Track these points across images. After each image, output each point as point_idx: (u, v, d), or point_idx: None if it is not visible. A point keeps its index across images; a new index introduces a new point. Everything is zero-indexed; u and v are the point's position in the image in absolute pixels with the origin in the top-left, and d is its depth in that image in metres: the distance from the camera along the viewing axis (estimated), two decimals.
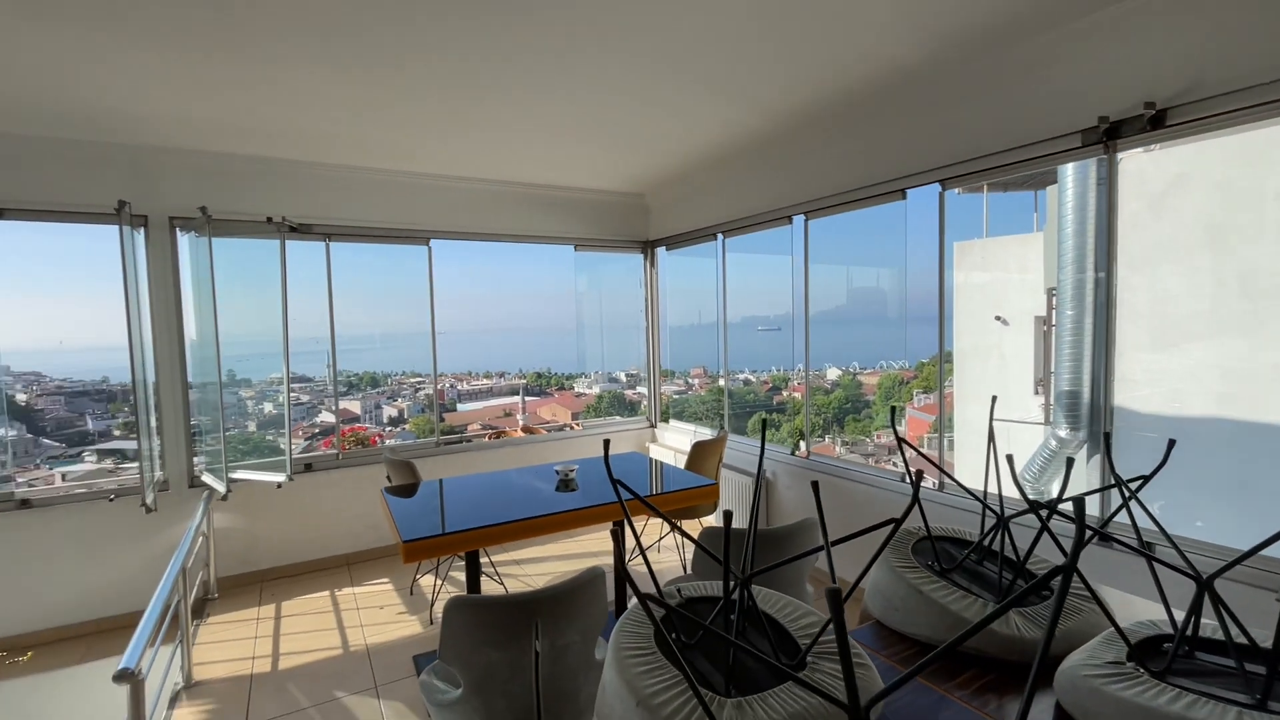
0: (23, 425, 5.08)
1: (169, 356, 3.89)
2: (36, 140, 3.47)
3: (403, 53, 2.61)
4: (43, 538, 3.61)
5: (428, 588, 4.00)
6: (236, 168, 3.98)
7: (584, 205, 5.33)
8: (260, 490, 4.06)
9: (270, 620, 3.67)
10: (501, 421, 7.87)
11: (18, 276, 4.14)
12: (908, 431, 7.42)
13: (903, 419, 7.54)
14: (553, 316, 7.32)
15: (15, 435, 4.77)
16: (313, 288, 4.36)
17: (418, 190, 4.61)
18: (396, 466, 3.58)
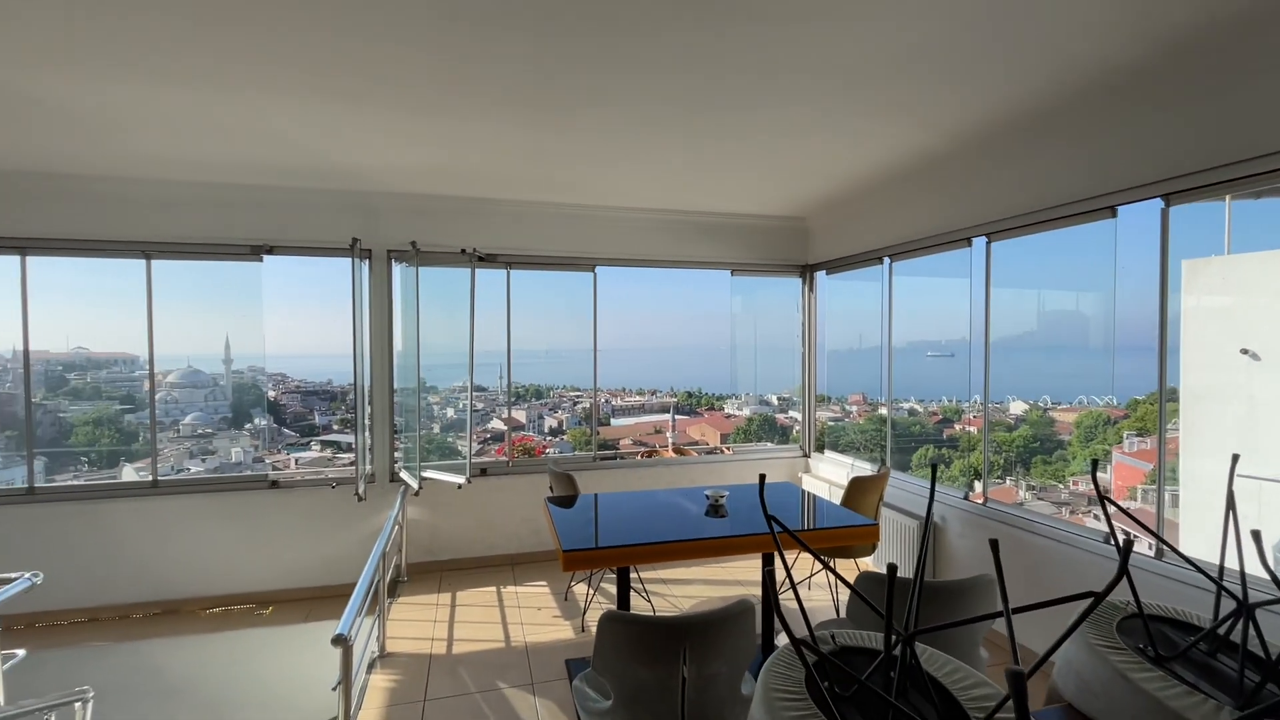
0: (271, 416, 6.05)
1: (380, 366, 4.56)
2: (297, 191, 4.30)
3: (577, 106, 2.85)
4: (284, 513, 4.39)
5: (581, 596, 4.22)
6: (439, 206, 4.59)
7: (742, 230, 5.35)
8: (444, 489, 4.58)
9: (447, 607, 4.10)
10: (652, 438, 8.02)
11: (280, 298, 5.13)
12: (1114, 481, 6.34)
13: (1107, 466, 6.47)
14: (705, 337, 7.39)
15: (266, 424, 5.94)
16: (492, 308, 4.85)
17: (586, 221, 4.96)
18: (559, 478, 3.85)
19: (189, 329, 5.01)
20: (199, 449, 5.46)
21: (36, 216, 3.98)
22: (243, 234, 4.28)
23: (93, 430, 4.91)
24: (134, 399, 5.15)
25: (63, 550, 4.05)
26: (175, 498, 4.24)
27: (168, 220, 4.16)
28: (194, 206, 4.19)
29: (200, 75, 2.57)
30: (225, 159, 3.68)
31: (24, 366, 4.08)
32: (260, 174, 3.98)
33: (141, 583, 4.18)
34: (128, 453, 4.99)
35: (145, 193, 4.10)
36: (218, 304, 4.89)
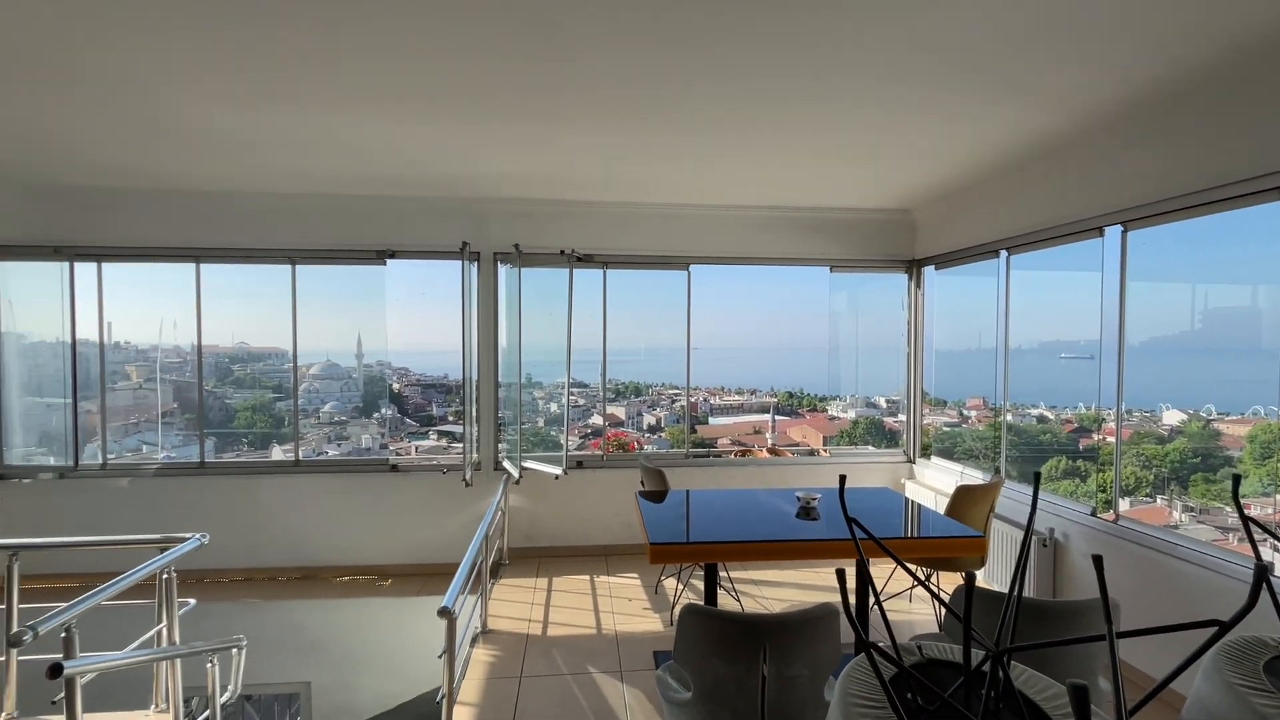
0: (395, 407, 6.48)
1: (486, 362, 4.86)
2: (415, 200, 4.68)
3: (677, 108, 2.89)
4: (402, 495, 4.80)
5: (670, 590, 4.27)
6: (540, 210, 4.82)
7: (842, 225, 5.16)
8: (543, 479, 4.80)
9: (544, 592, 4.31)
10: (751, 438, 7.79)
11: (400, 298, 5.60)
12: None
13: None
14: (805, 336, 7.17)
15: (391, 414, 6.38)
16: (591, 307, 5.01)
17: (681, 220, 4.99)
18: (650, 473, 3.92)
19: (327, 327, 5.58)
20: (335, 434, 5.91)
21: (206, 229, 4.62)
22: (369, 240, 4.72)
23: (251, 415, 5.57)
24: (284, 388, 5.65)
25: (225, 517, 4.67)
26: (313, 476, 4.76)
27: (307, 230, 4.68)
28: (328, 217, 4.68)
29: (335, 102, 2.87)
30: (355, 174, 4.08)
31: (198, 359, 4.75)
32: (384, 186, 4.38)
33: (286, 549, 4.74)
34: (278, 435, 5.57)
35: (289, 206, 4.64)
36: (348, 303, 5.41)
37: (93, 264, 4.59)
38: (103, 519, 4.57)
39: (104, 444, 4.67)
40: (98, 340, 4.77)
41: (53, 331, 4.63)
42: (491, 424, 4.89)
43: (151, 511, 4.63)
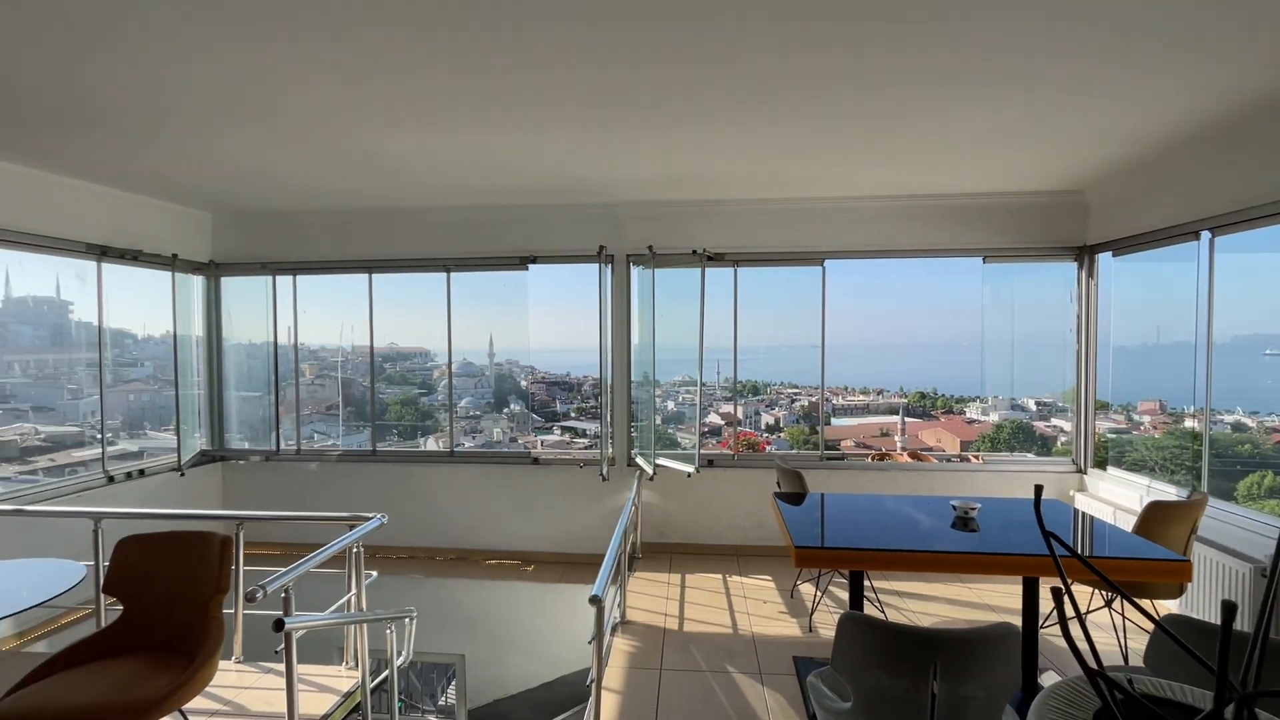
0: (523, 402, 6.81)
1: (620, 361, 5.02)
2: (554, 208, 4.94)
3: (814, 100, 2.81)
4: (542, 486, 5.10)
5: (807, 595, 4.16)
6: (671, 211, 4.89)
7: (997, 211, 4.73)
8: (674, 476, 4.87)
9: (677, 587, 4.37)
10: (878, 441, 7.44)
11: (537, 300, 5.93)
12: None
13: None
14: (945, 332, 6.65)
15: (519, 409, 6.71)
16: (715, 305, 4.99)
17: (815, 214, 4.84)
18: (786, 474, 3.85)
19: (470, 328, 6.03)
20: (470, 428, 6.27)
21: (377, 243, 5.19)
22: (512, 247, 5.06)
23: (400, 408, 6.03)
24: (427, 385, 6.26)
25: (392, 500, 5.22)
26: (464, 466, 5.19)
27: (459, 240, 5.10)
28: (477, 227, 5.07)
29: (486, 123, 3.11)
30: (501, 186, 4.38)
31: (370, 360, 5.36)
32: (527, 196, 4.67)
33: (442, 532, 5.20)
34: (423, 428, 6.09)
35: (444, 219, 5.08)
36: (491, 306, 5.80)
37: (289, 276, 5.33)
38: (297, 496, 5.29)
39: (298, 433, 5.40)
40: (290, 343, 5.53)
41: (256, 335, 5.43)
42: (625, 421, 5.04)
43: (334, 492, 5.29)
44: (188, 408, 5.11)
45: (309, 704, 3.00)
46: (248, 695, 3.13)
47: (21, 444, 4.47)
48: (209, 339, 5.37)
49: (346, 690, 3.17)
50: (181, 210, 5.06)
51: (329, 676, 3.30)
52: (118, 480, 4.53)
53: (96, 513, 3.48)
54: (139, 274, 4.76)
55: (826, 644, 3.56)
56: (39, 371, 4.73)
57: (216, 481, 5.42)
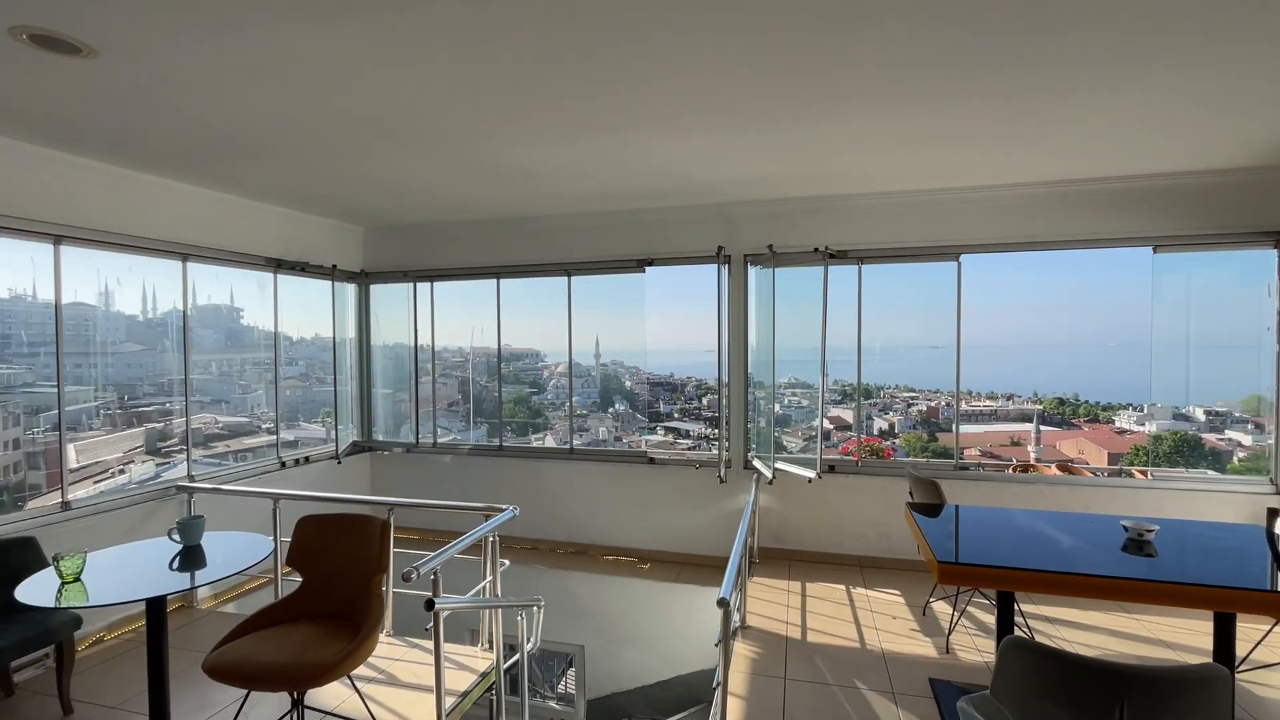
0: (627, 402, 6.91)
1: (736, 362, 4.97)
2: (672, 210, 4.98)
3: (951, 87, 2.62)
4: (657, 486, 5.15)
5: (941, 614, 3.89)
6: (791, 209, 4.76)
7: (1171, 194, 4.17)
8: (793, 481, 4.73)
9: (797, 596, 4.25)
10: (1007, 450, 6.90)
11: (651, 301, 5.99)
12: None
13: None
14: (1090, 331, 5.95)
15: (624, 409, 6.82)
16: (832, 305, 4.78)
17: (949, 206, 4.52)
18: (921, 484, 3.62)
19: (578, 330, 6.20)
20: (578, 426, 6.32)
21: (504, 250, 5.49)
22: (630, 250, 5.15)
23: (513, 406, 6.28)
24: (538, 384, 6.57)
25: (517, 493, 5.50)
26: (583, 463, 5.36)
27: (579, 244, 5.28)
28: (596, 232, 5.23)
29: (607, 129, 3.19)
30: (619, 190, 4.47)
31: (497, 361, 5.68)
32: (644, 200, 4.74)
33: (562, 526, 5.41)
34: (534, 424, 6.38)
35: (565, 225, 5.28)
36: (605, 308, 5.92)
37: (427, 283, 5.78)
38: (432, 485, 5.73)
39: (434, 428, 5.85)
40: (425, 344, 6.00)
41: (396, 337, 5.95)
42: (741, 424, 4.98)
43: (464, 483, 5.67)
44: (340, 403, 5.68)
45: (451, 680, 3.22)
46: (398, 666, 3.42)
47: (205, 432, 5.17)
48: (360, 341, 5.94)
49: (483, 670, 3.37)
50: (338, 225, 5.64)
51: (466, 655, 3.53)
52: (288, 466, 5.13)
53: (275, 494, 3.96)
54: (293, 282, 5.34)
55: (966, 667, 3.31)
56: (217, 370, 5.43)
57: (365, 470, 5.98)
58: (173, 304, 4.49)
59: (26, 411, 3.87)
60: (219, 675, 2.38)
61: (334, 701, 3.05)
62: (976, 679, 3.19)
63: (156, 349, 4.64)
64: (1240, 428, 6.21)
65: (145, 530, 3.95)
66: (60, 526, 3.56)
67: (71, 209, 3.64)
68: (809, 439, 8.72)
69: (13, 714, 3.00)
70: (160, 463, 4.54)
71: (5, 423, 3.79)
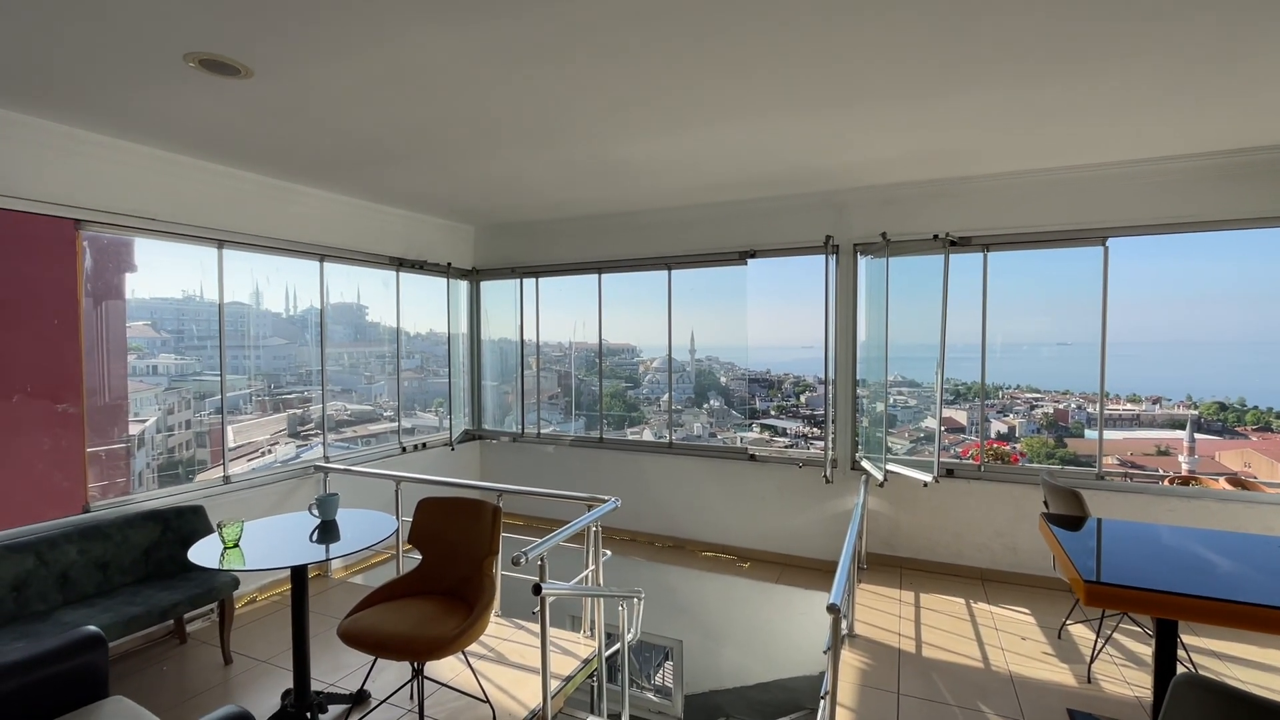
0: (722, 399, 6.95)
1: (845, 358, 4.73)
2: (777, 200, 4.82)
3: (1092, 53, 2.31)
4: (759, 484, 5.02)
5: (1079, 638, 3.50)
6: (906, 194, 4.46)
7: None
8: (906, 484, 4.45)
9: (910, 606, 3.99)
10: (1153, 460, 6.30)
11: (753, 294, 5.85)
12: None
13: None
14: (1263, 328, 5.11)
15: (719, 405, 6.85)
16: (960, 295, 4.43)
17: (1092, 184, 4.04)
18: (1058, 493, 3.27)
19: (676, 325, 6.19)
20: (674, 421, 6.32)
21: (606, 245, 5.57)
22: (732, 243, 5.05)
23: (609, 400, 6.29)
24: (633, 378, 6.66)
25: (616, 485, 5.57)
26: (682, 458, 5.33)
27: (680, 238, 5.25)
28: (697, 226, 5.17)
29: (711, 118, 3.11)
30: (720, 181, 4.38)
31: (598, 356, 5.78)
32: (746, 190, 4.61)
33: (661, 519, 5.42)
34: (629, 418, 6.48)
35: (665, 220, 5.26)
36: (704, 303, 5.86)
37: (532, 279, 5.98)
38: (536, 474, 5.94)
39: (538, 419, 6.05)
40: (532, 339, 6.22)
41: (503, 331, 6.21)
42: (849, 422, 4.74)
43: (566, 473, 5.82)
44: (453, 394, 6.02)
45: (555, 664, 3.31)
46: (506, 646, 3.56)
47: (336, 418, 5.65)
48: (471, 335, 6.26)
49: (585, 657, 3.44)
50: (452, 225, 5.96)
51: (569, 641, 3.61)
52: (407, 451, 5.50)
53: (398, 476, 4.25)
54: (411, 280, 5.69)
55: (1111, 700, 2.96)
56: (347, 361, 5.90)
57: (476, 457, 6.31)
58: (310, 302, 4.94)
59: (195, 397, 4.41)
60: (351, 641, 2.58)
61: (449, 674, 3.22)
62: (1125, 715, 2.84)
63: (296, 342, 5.14)
64: None
65: (288, 505, 4.38)
66: (222, 498, 4.02)
67: (232, 215, 4.09)
68: (916, 440, 8.20)
69: (185, 660, 3.43)
70: (299, 445, 5.03)
71: (180, 406, 4.34)
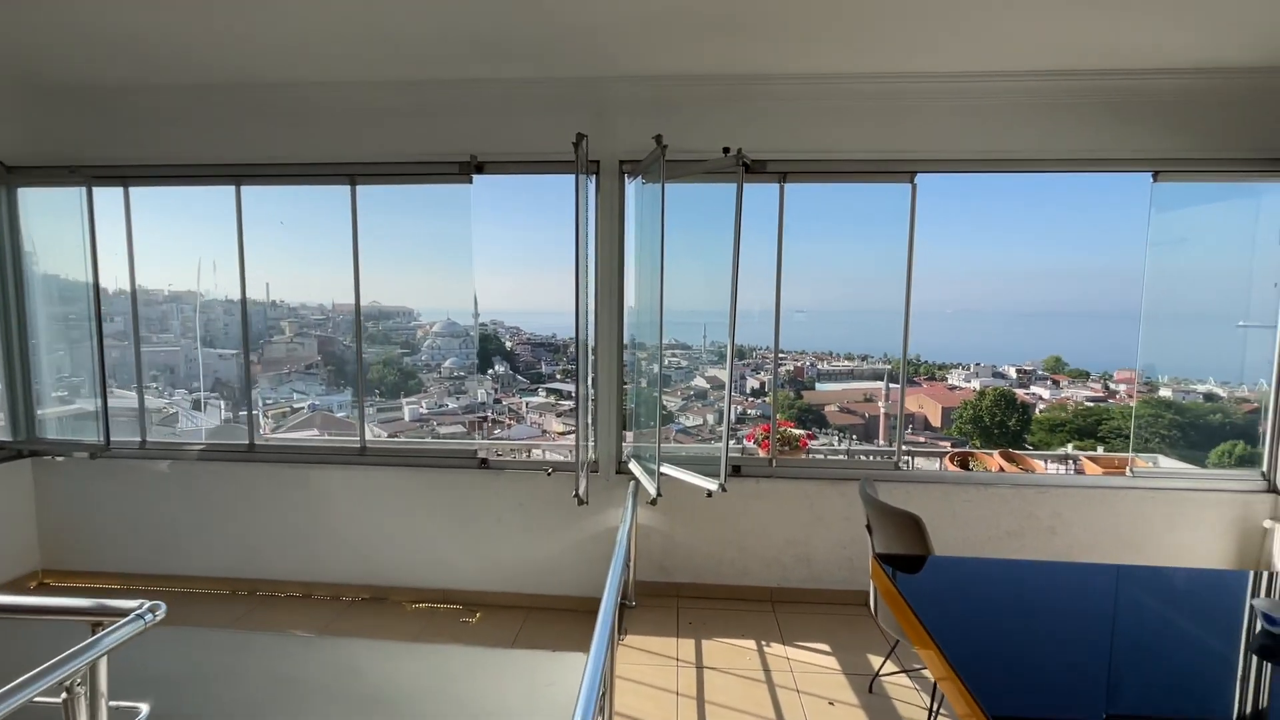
0: (508, 364, 6.75)
1: (608, 318, 3.42)
2: (513, 85, 3.24)
3: None
4: (498, 500, 3.53)
5: (896, 697, 2.68)
6: (686, 95, 3.22)
7: (1171, 103, 3.12)
8: (683, 490, 3.31)
9: (690, 667, 2.87)
10: (861, 406, 7.84)
11: (507, 246, 4.34)
12: None
13: None
14: (933, 300, 5.54)
15: (504, 370, 6.68)
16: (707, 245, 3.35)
17: (904, 103, 3.20)
18: (889, 516, 2.28)
19: (409, 277, 4.76)
20: (454, 389, 6.17)
21: (248, 138, 3.46)
22: (450, 148, 3.36)
23: (382, 369, 5.84)
24: (411, 344, 6.12)
25: (274, 518, 3.64)
26: (384, 470, 3.59)
27: (370, 136, 3.40)
28: (397, 118, 3.38)
29: None
30: (417, 37, 2.68)
31: (242, 315, 3.67)
32: (462, 63, 2.97)
33: (351, 561, 3.64)
34: (406, 388, 5.93)
35: (348, 103, 3.37)
36: (418, 238, 4.18)
37: (117, 187, 3.59)
38: (134, 511, 3.71)
39: (141, 413, 3.75)
40: (161, 286, 3.90)
41: (66, 269, 3.71)
42: (614, 409, 3.46)
43: (191, 510, 3.69)
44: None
45: None
46: None
47: None
48: (3, 276, 3.63)
49: None
50: None
51: None
52: None
53: None
54: None
55: None
56: None
57: (17, 493, 3.77)
58: None
59: None
60: None
61: None
62: None
63: None
64: (1042, 383, 7.71)
65: None
66: None
67: None
68: (686, 398, 7.70)
69: None
70: None
71: None
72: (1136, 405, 3.85)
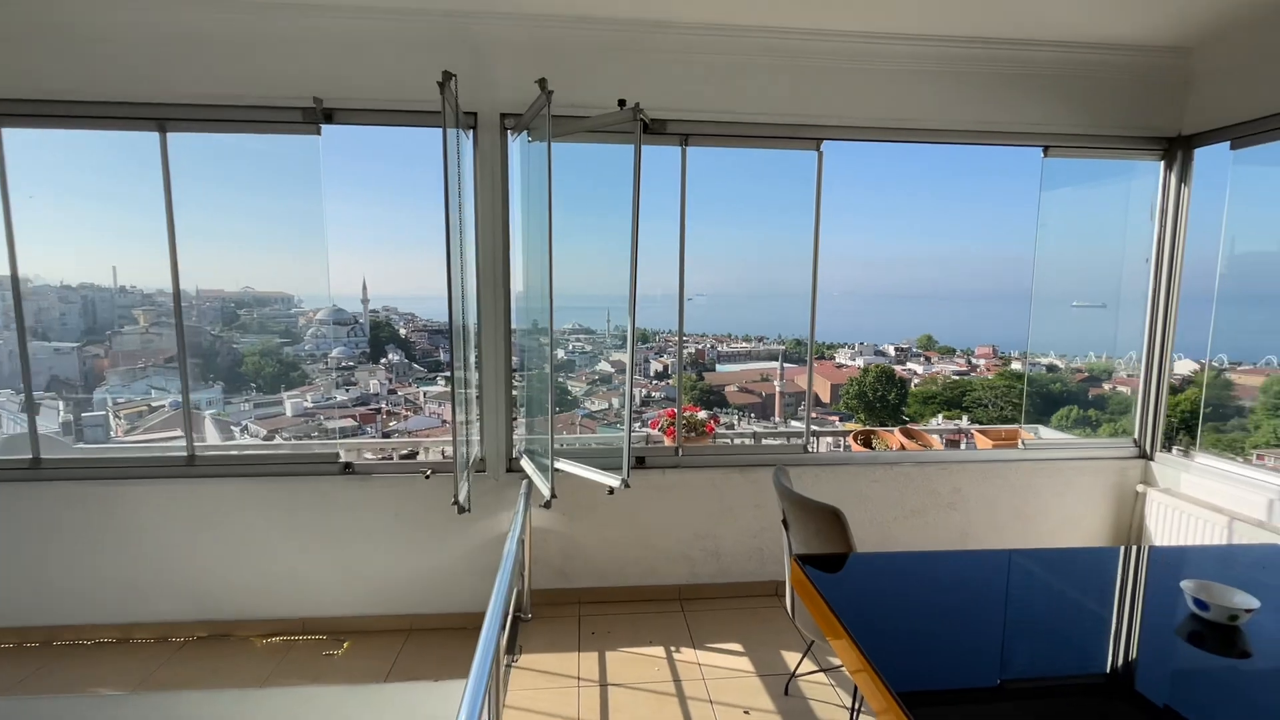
0: (402, 352, 6.41)
1: (491, 297, 2.99)
2: (367, 14, 2.70)
3: None
4: (366, 512, 3.03)
5: (812, 694, 2.52)
6: (573, 39, 2.83)
7: (1064, 77, 3.14)
8: (584, 487, 2.98)
9: (593, 686, 2.57)
10: (758, 385, 8.23)
11: (399, 228, 3.76)
12: None
13: None
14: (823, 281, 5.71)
15: (399, 359, 6.30)
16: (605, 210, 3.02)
17: (813, 61, 3.00)
18: (807, 511, 2.06)
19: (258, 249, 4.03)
20: (343, 380, 5.88)
21: (12, 69, 2.67)
22: (292, 90, 2.76)
23: (259, 360, 5.43)
24: (291, 333, 5.70)
25: (81, 543, 2.93)
26: (221, 483, 2.97)
27: (188, 69, 2.73)
28: (219, 47, 2.72)
29: None
30: None
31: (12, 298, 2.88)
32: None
33: (181, 596, 3.00)
34: (288, 380, 5.54)
35: (157, 30, 2.67)
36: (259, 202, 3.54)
37: None
38: None
39: None
40: None
41: None
42: (503, 401, 3.06)
43: None
44: None
45: None
46: None
47: None
48: None
49: None
50: None
51: None
52: None
53: None
54: None
55: None
56: None
57: None
58: None
59: None
60: None
61: None
62: None
63: None
64: (916, 360, 8.46)
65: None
66: None
67: None
68: (592, 383, 7.52)
69: None
70: None
71: None
72: (994, 377, 3.98)
